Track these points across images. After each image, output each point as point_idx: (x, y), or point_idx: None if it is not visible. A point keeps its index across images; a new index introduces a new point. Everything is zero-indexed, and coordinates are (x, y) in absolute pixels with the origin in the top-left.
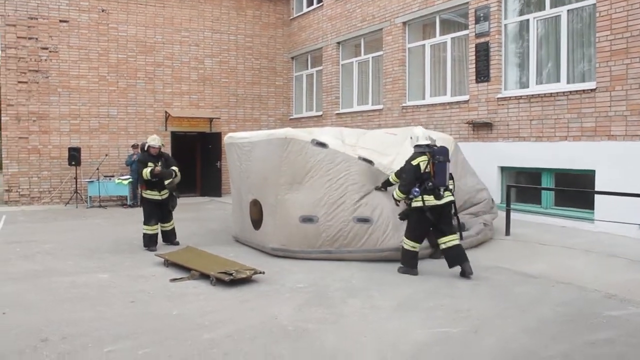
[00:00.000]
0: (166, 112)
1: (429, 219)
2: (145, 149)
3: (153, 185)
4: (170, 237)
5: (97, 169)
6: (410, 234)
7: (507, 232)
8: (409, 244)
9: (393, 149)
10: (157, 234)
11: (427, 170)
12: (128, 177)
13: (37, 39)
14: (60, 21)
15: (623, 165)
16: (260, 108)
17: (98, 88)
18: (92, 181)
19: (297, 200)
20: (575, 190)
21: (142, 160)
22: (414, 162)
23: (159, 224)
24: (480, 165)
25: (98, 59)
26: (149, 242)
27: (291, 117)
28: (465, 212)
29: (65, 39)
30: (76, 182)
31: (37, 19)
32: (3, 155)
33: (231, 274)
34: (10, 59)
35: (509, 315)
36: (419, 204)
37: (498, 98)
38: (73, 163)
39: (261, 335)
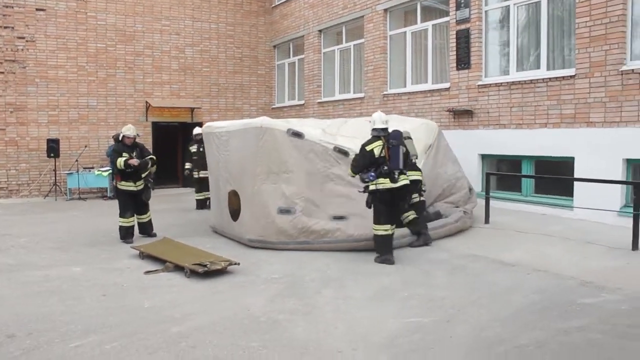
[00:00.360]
0: (147, 102)
1: (387, 200)
2: (120, 139)
3: (128, 176)
4: (147, 229)
5: (77, 160)
6: (376, 219)
7: (487, 220)
8: (378, 229)
9: None
10: (133, 226)
11: (382, 155)
12: (108, 168)
13: (13, 27)
14: (37, 9)
15: (601, 152)
16: (242, 97)
17: (77, 78)
18: (71, 173)
19: (274, 191)
20: (554, 178)
21: (116, 150)
22: (368, 148)
23: (135, 215)
24: (461, 153)
25: (77, 48)
26: (126, 234)
27: (273, 107)
28: (444, 200)
29: (42, 27)
30: (55, 174)
31: (12, 7)
32: None
33: (205, 266)
34: None
35: (483, 304)
36: (374, 187)
37: (479, 85)
38: (52, 155)
39: (232, 327)
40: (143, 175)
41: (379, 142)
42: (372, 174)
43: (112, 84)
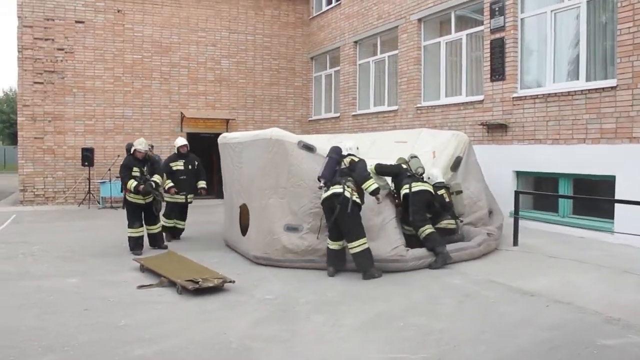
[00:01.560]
0: (181, 113)
1: (325, 213)
2: (131, 152)
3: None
4: (157, 241)
5: (109, 169)
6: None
7: (515, 242)
8: (328, 243)
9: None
10: (142, 236)
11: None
12: None
13: (53, 40)
14: (76, 22)
15: None
16: (279, 109)
17: (113, 89)
18: (104, 182)
19: (280, 207)
20: (590, 198)
21: (126, 165)
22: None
23: (146, 226)
24: (495, 169)
25: (113, 59)
26: (135, 245)
27: (310, 119)
28: (465, 220)
29: (80, 39)
30: (89, 182)
31: (53, 20)
32: (18, 155)
33: (197, 282)
34: (26, 60)
35: (484, 340)
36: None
37: (513, 98)
38: (86, 164)
39: (196, 353)
40: (145, 199)
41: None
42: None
43: (148, 94)
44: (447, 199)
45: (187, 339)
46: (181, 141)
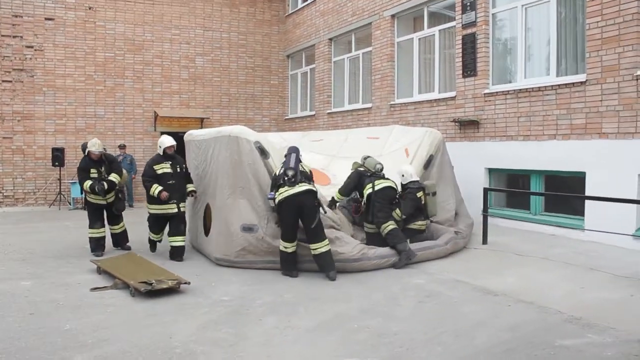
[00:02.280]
0: (155, 112)
1: (289, 212)
2: (86, 153)
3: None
4: (120, 241)
5: None
6: (281, 234)
7: (484, 241)
8: (281, 244)
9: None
10: (103, 237)
11: (281, 172)
12: None
13: (21, 37)
14: (46, 19)
15: (615, 167)
16: (255, 108)
17: (84, 87)
18: (75, 182)
19: (238, 207)
20: (560, 195)
21: (83, 168)
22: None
23: (109, 226)
24: (467, 166)
25: (85, 57)
26: (96, 246)
27: (286, 117)
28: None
29: (50, 37)
30: (60, 183)
31: (21, 16)
32: None
33: (151, 284)
34: None
35: (440, 342)
36: (277, 199)
37: (485, 94)
38: (57, 164)
39: (139, 358)
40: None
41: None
42: (272, 193)
43: (121, 93)
44: (423, 201)
45: (131, 343)
46: (168, 141)
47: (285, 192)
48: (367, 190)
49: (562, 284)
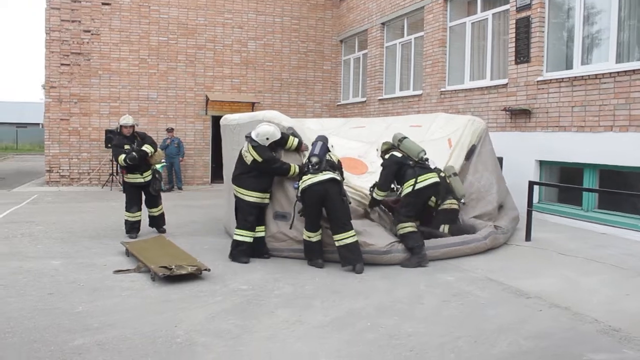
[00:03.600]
0: (206, 96)
1: (311, 201)
2: (118, 130)
3: (134, 167)
4: (158, 223)
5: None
6: (305, 223)
7: (528, 237)
8: (305, 234)
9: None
10: (139, 221)
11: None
12: (163, 161)
13: (79, 21)
14: (103, 4)
15: None
16: (306, 93)
17: (138, 71)
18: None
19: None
20: (615, 192)
21: (116, 145)
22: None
23: (147, 209)
24: (517, 158)
25: (139, 41)
26: (131, 228)
27: (338, 103)
28: (472, 215)
29: (107, 21)
30: (112, 164)
31: (80, 2)
32: (45, 137)
33: (170, 269)
34: (54, 41)
35: (455, 348)
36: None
37: (538, 81)
38: (109, 145)
39: (138, 345)
40: (153, 162)
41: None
42: (297, 182)
43: (173, 77)
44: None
45: (135, 329)
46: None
47: (308, 179)
48: (408, 186)
49: (605, 289)
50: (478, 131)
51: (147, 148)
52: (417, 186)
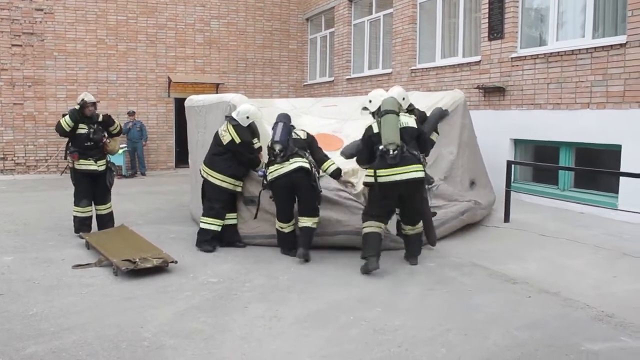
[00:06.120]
0: (169, 77)
1: (281, 193)
2: (79, 109)
3: (87, 151)
4: (106, 224)
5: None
6: (276, 212)
7: (506, 219)
8: (277, 224)
9: None
10: (90, 217)
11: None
12: (124, 146)
13: None
14: None
15: None
16: (272, 74)
17: (96, 52)
18: None
19: None
20: (592, 170)
21: (71, 119)
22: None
23: (95, 206)
24: (491, 137)
25: (96, 20)
26: (80, 226)
27: (305, 84)
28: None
29: None
30: (65, 152)
31: None
32: None
33: (134, 262)
34: (3, 20)
35: (446, 342)
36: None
37: (512, 58)
38: None
39: (99, 352)
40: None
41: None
42: (262, 170)
43: (133, 57)
44: None
45: (96, 333)
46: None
47: (274, 170)
48: (368, 176)
49: (592, 272)
50: (454, 100)
51: (109, 140)
52: (380, 180)
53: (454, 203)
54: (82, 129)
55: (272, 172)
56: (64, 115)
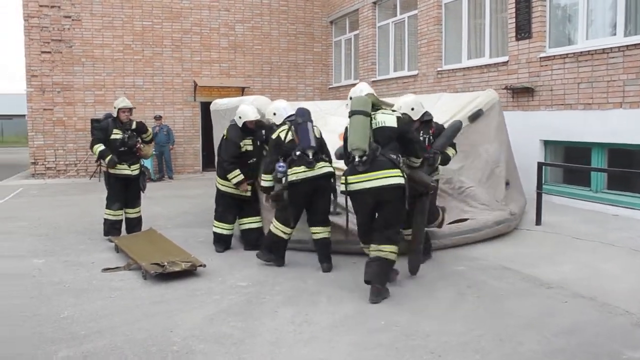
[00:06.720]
0: (194, 81)
1: (303, 195)
2: (115, 115)
3: (121, 156)
4: (134, 227)
5: None
6: (281, 215)
7: (538, 221)
8: (279, 228)
9: None
10: (121, 220)
11: (291, 139)
12: (152, 151)
13: (59, 7)
14: None
15: None
16: (297, 77)
17: (123, 57)
18: None
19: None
20: (626, 171)
21: (101, 127)
22: (274, 135)
23: (125, 209)
24: (520, 139)
25: (122, 26)
26: (110, 229)
27: (330, 86)
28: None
29: (88, 6)
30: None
31: None
32: (28, 128)
33: (163, 266)
34: (33, 28)
35: (479, 348)
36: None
37: (541, 58)
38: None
39: (129, 356)
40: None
41: (283, 127)
42: (282, 164)
43: (159, 62)
44: None
45: (126, 337)
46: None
47: (302, 172)
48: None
49: (629, 276)
50: (488, 99)
51: (143, 145)
52: (349, 188)
53: (490, 211)
54: (117, 134)
55: (297, 173)
56: (93, 123)
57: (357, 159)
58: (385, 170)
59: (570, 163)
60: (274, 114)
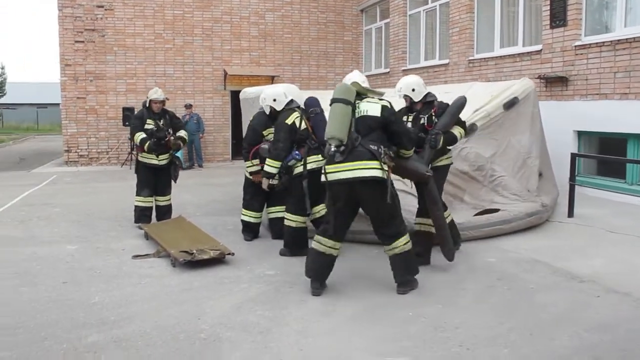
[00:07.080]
0: (224, 70)
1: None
2: (147, 105)
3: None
4: (163, 215)
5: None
6: (296, 207)
7: (570, 214)
8: (297, 220)
9: None
10: (150, 207)
11: (305, 128)
12: None
13: None
14: None
15: None
16: (327, 65)
17: (154, 46)
18: None
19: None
20: None
21: (139, 117)
22: (289, 121)
23: (155, 196)
24: (553, 129)
25: (154, 15)
26: (140, 216)
27: None
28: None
29: None
30: (131, 142)
31: None
32: (62, 116)
33: (192, 254)
34: (66, 18)
35: (509, 343)
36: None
37: (576, 46)
38: (127, 123)
39: (158, 342)
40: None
41: (296, 114)
42: (297, 152)
43: (189, 51)
44: None
45: (155, 323)
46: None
47: (314, 162)
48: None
49: None
50: (524, 88)
51: (184, 135)
52: (328, 177)
53: (522, 202)
54: (149, 124)
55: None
56: (125, 111)
57: (333, 149)
58: (362, 161)
59: (605, 154)
60: (274, 99)
